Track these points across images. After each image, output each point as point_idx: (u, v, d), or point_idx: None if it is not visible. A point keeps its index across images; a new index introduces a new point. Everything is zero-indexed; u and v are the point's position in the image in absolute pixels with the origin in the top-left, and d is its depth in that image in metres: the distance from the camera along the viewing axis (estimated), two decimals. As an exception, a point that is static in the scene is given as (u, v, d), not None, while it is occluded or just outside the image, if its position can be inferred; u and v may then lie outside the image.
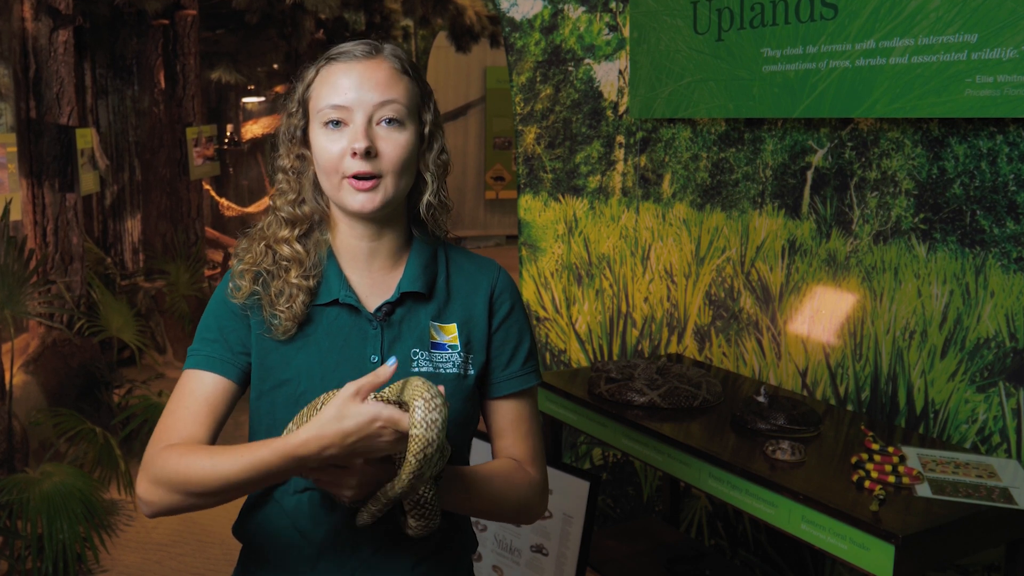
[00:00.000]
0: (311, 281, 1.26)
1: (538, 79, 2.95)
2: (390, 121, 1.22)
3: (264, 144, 9.38)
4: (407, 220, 1.32)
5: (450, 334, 1.29)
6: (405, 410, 1.05)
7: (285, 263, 1.26)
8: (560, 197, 2.96)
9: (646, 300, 2.87)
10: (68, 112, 4.43)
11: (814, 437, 1.92)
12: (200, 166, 6.45)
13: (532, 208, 2.99)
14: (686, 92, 2.57)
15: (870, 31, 2.04)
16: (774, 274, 2.49)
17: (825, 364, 2.34)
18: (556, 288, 2.97)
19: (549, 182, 2.97)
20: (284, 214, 1.29)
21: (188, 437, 1.20)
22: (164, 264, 6.05)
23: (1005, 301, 1.94)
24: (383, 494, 1.13)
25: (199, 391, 1.23)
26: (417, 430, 1.01)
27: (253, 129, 9.67)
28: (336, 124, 1.22)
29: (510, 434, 1.33)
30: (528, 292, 3.01)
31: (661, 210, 2.82)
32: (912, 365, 2.13)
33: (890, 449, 1.78)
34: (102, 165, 5.61)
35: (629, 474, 2.93)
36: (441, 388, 1.08)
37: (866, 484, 1.65)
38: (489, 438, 1.36)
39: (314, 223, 1.31)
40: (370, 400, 1.04)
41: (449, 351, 1.28)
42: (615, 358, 2.91)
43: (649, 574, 2.31)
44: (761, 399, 1.99)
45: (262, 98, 9.78)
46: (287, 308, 1.24)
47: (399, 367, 1.24)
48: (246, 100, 9.83)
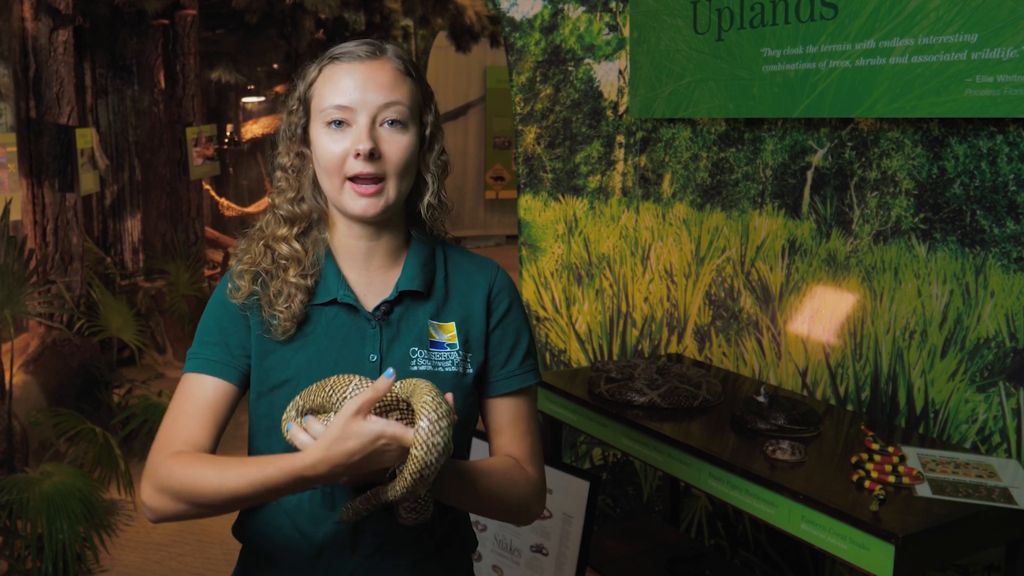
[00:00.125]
0: (309, 280, 1.26)
1: (538, 79, 2.95)
2: (393, 123, 1.22)
3: (264, 144, 9.39)
4: (405, 220, 1.32)
5: (448, 333, 1.29)
6: (411, 415, 1.04)
7: (284, 262, 1.26)
8: (560, 197, 2.96)
9: (646, 300, 2.87)
10: (68, 112, 4.43)
11: (814, 437, 1.92)
12: (200, 166, 6.45)
13: (532, 208, 2.99)
14: (686, 92, 2.57)
15: (870, 31, 2.04)
16: (774, 274, 2.49)
17: (825, 364, 2.34)
18: (556, 288, 2.97)
19: (549, 182, 2.97)
20: (283, 212, 1.29)
21: (191, 443, 1.20)
22: (164, 264, 6.05)
23: (1005, 301, 1.94)
24: (374, 495, 1.12)
25: (200, 395, 1.23)
26: (418, 451, 1.01)
27: (253, 129, 9.67)
28: (339, 124, 1.22)
29: (508, 432, 1.33)
30: (528, 292, 3.01)
31: (661, 210, 2.82)
32: (912, 365, 2.13)
33: (890, 449, 1.78)
34: (102, 165, 5.61)
35: (629, 474, 2.93)
36: (450, 396, 1.07)
37: (866, 484, 1.65)
38: (487, 437, 1.36)
39: (312, 221, 1.31)
40: (372, 418, 1.03)
41: (447, 350, 1.28)
42: (615, 358, 2.91)
43: (649, 574, 2.31)
44: (761, 399, 1.99)
45: (262, 98, 9.78)
46: (285, 308, 1.24)
47: (399, 367, 1.24)
48: (246, 100, 9.83)
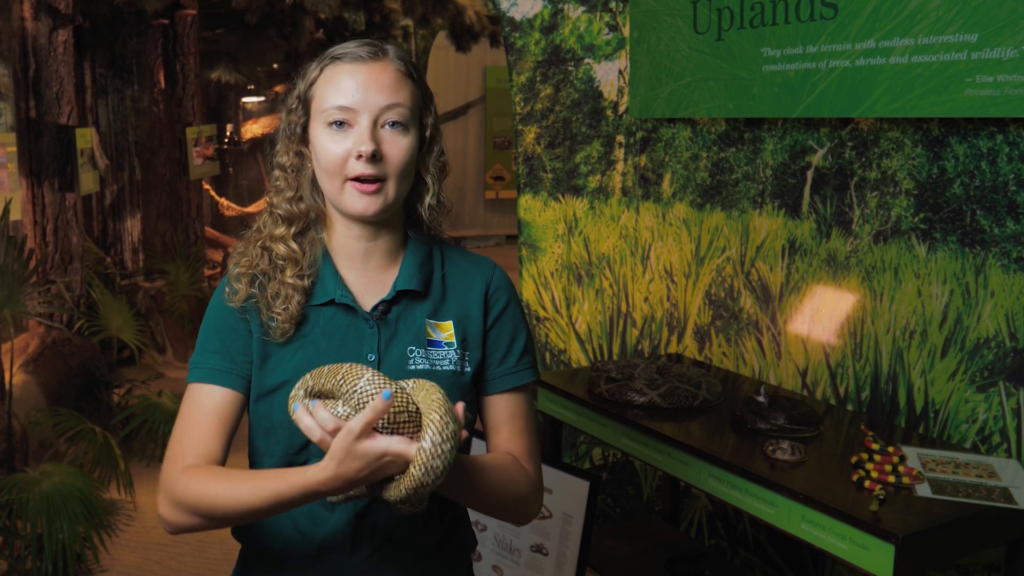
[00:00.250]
0: (306, 281, 1.26)
1: (538, 79, 2.94)
2: (394, 124, 1.22)
3: (264, 144, 9.39)
4: (403, 221, 1.32)
5: (446, 331, 1.29)
6: (419, 419, 1.04)
7: (281, 262, 1.26)
8: (560, 197, 2.96)
9: (646, 300, 2.86)
10: (68, 112, 4.43)
11: (814, 437, 1.92)
12: (200, 166, 6.45)
13: (532, 208, 2.99)
14: (686, 92, 2.57)
15: (870, 31, 2.04)
16: (774, 274, 2.49)
17: (825, 364, 2.34)
18: (556, 288, 2.97)
19: (549, 182, 2.97)
20: (281, 211, 1.29)
21: (202, 455, 1.21)
22: (164, 264, 6.05)
23: (1005, 301, 1.94)
24: (370, 489, 1.13)
25: (207, 406, 1.24)
26: (416, 471, 1.03)
27: (253, 129, 9.68)
28: (340, 125, 1.22)
29: (506, 429, 1.32)
30: (528, 292, 3.01)
31: (661, 210, 2.82)
32: (912, 365, 2.13)
33: (890, 449, 1.78)
34: (102, 165, 5.61)
35: (629, 474, 2.93)
36: (460, 408, 1.07)
37: (866, 484, 1.65)
38: (484, 434, 1.36)
39: (310, 221, 1.31)
40: (377, 436, 1.03)
41: (445, 348, 1.28)
42: (615, 358, 2.91)
43: (649, 574, 2.31)
44: (761, 399, 1.99)
45: (262, 98, 9.78)
46: (283, 310, 1.24)
47: (396, 366, 1.24)
48: (246, 100, 9.83)
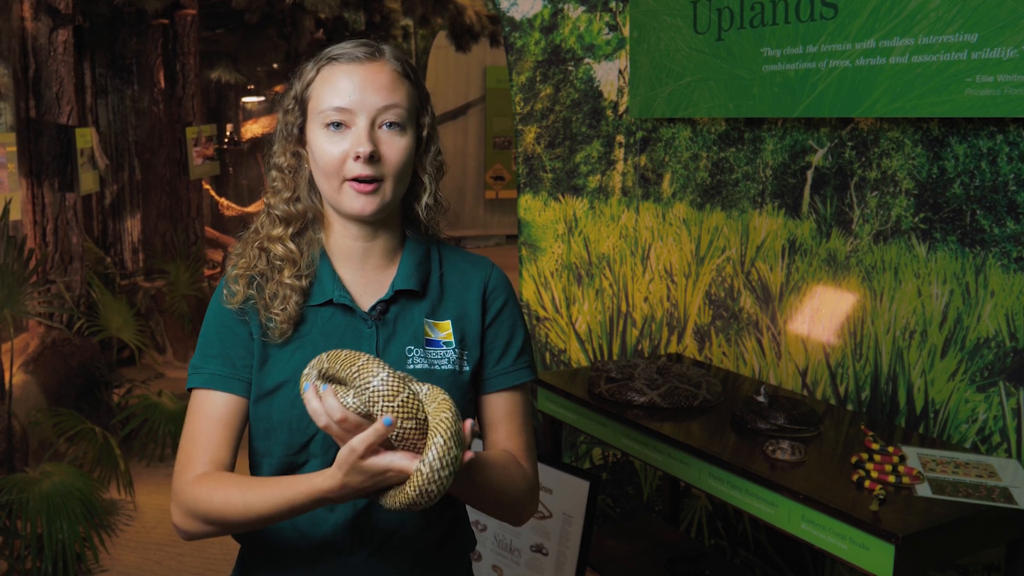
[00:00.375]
0: (304, 281, 1.26)
1: (538, 79, 2.94)
2: (392, 125, 1.22)
3: (264, 144, 9.38)
4: (401, 221, 1.32)
5: (444, 331, 1.29)
6: (425, 427, 1.04)
7: (279, 263, 1.26)
8: (560, 197, 2.96)
9: (646, 300, 2.86)
10: (68, 112, 4.43)
11: (814, 437, 1.92)
12: (200, 166, 6.45)
13: (532, 208, 2.99)
14: (686, 92, 2.57)
15: (870, 31, 2.04)
16: (774, 274, 2.49)
17: (825, 364, 2.34)
18: (556, 288, 2.97)
19: (549, 182, 2.97)
20: (278, 212, 1.29)
21: (211, 461, 1.22)
22: (164, 264, 6.05)
23: (1005, 301, 1.94)
24: (370, 495, 1.13)
25: (213, 413, 1.24)
26: (411, 491, 1.05)
27: (253, 129, 9.68)
28: (337, 126, 1.22)
29: (503, 428, 1.33)
30: (528, 292, 3.01)
31: (661, 210, 2.82)
32: (912, 365, 2.13)
33: (890, 449, 1.78)
34: (102, 165, 5.61)
35: (629, 474, 2.93)
36: (468, 425, 1.08)
37: (866, 484, 1.65)
38: (481, 433, 1.36)
39: (308, 221, 1.30)
40: (382, 453, 1.05)
41: (444, 348, 1.28)
42: (615, 358, 2.91)
43: (649, 574, 2.31)
44: (761, 399, 1.99)
45: (262, 98, 9.78)
46: (281, 310, 1.24)
47: (395, 366, 1.24)
48: (246, 100, 9.84)
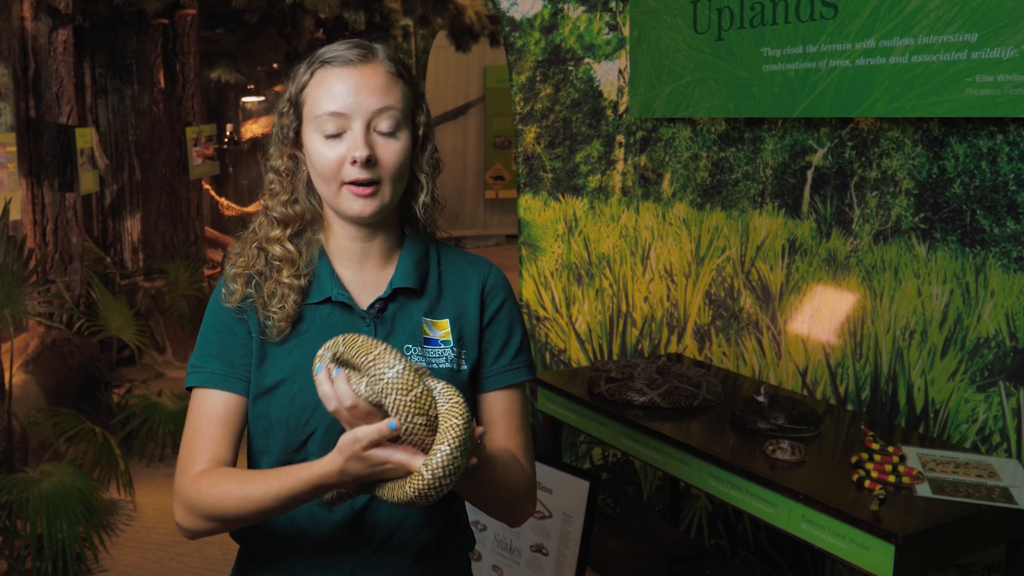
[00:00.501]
0: (303, 280, 1.26)
1: (538, 78, 2.94)
2: (387, 127, 1.22)
3: (264, 144, 9.40)
4: (399, 220, 1.33)
5: (443, 330, 1.29)
6: (435, 423, 1.04)
7: (277, 263, 1.27)
8: (560, 197, 2.96)
9: (646, 300, 2.86)
10: (68, 111, 4.43)
11: (814, 437, 1.92)
12: (200, 165, 6.45)
13: (532, 208, 2.99)
14: (686, 92, 2.57)
15: (870, 30, 2.04)
16: (774, 274, 2.49)
17: (825, 364, 2.34)
18: (556, 288, 2.97)
19: (549, 181, 2.97)
20: (276, 214, 1.29)
21: (212, 459, 1.22)
22: (164, 264, 6.05)
23: (1005, 301, 1.94)
24: (362, 488, 1.13)
25: (212, 412, 1.24)
26: (410, 491, 1.04)
27: (253, 128, 9.69)
28: (333, 130, 1.22)
29: (500, 427, 1.33)
30: (528, 292, 3.01)
31: (661, 210, 2.82)
32: (912, 365, 2.13)
33: (890, 449, 1.78)
34: (102, 165, 5.61)
35: (629, 474, 2.93)
36: (478, 432, 1.07)
37: (866, 484, 1.65)
38: None
39: (306, 222, 1.31)
40: (387, 446, 1.04)
41: (442, 346, 1.28)
42: (615, 358, 2.91)
43: (649, 574, 2.31)
44: (761, 399, 1.99)
45: (262, 97, 9.79)
46: (279, 308, 1.24)
47: None
48: (246, 99, 9.84)
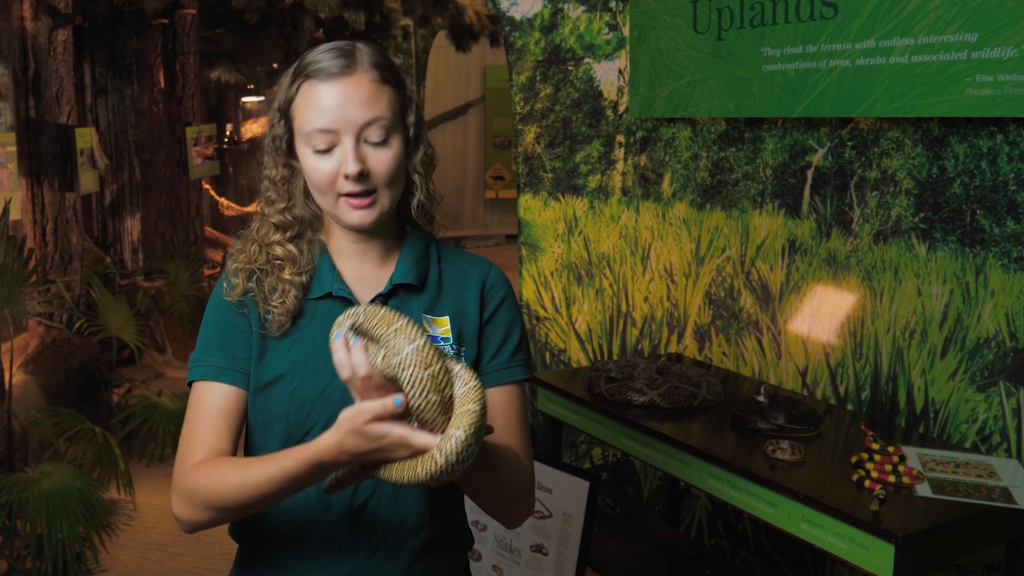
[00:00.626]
0: (304, 276, 1.27)
1: (538, 78, 2.94)
2: (377, 138, 1.22)
3: (262, 144, 9.40)
4: (399, 219, 1.33)
5: (442, 327, 1.29)
6: (449, 406, 1.03)
7: (279, 262, 1.27)
8: (560, 196, 2.96)
9: (646, 300, 2.86)
10: (67, 111, 4.43)
11: (814, 437, 1.92)
12: (199, 165, 6.44)
13: (532, 207, 2.99)
14: (686, 91, 2.57)
15: (870, 30, 2.04)
16: (774, 274, 2.49)
17: (825, 364, 2.34)
18: (556, 288, 2.97)
19: (549, 181, 2.97)
20: (275, 220, 1.29)
21: (211, 451, 1.21)
22: (164, 263, 6.05)
23: (1005, 301, 1.94)
24: (362, 472, 1.12)
25: (212, 404, 1.24)
26: (421, 474, 1.02)
27: (253, 128, 9.69)
28: (324, 146, 1.21)
29: (499, 424, 1.32)
30: (528, 292, 3.01)
31: (661, 209, 2.82)
32: (912, 365, 2.12)
33: (890, 449, 1.78)
34: (101, 164, 5.61)
35: (629, 474, 2.93)
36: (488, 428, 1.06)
37: (866, 484, 1.65)
38: None
39: (306, 224, 1.31)
40: (388, 421, 1.03)
41: (441, 343, 1.28)
42: (615, 358, 2.91)
43: (649, 574, 2.31)
44: (761, 399, 1.99)
45: (262, 97, 9.79)
46: (280, 303, 1.24)
47: None
48: (246, 99, 9.84)
